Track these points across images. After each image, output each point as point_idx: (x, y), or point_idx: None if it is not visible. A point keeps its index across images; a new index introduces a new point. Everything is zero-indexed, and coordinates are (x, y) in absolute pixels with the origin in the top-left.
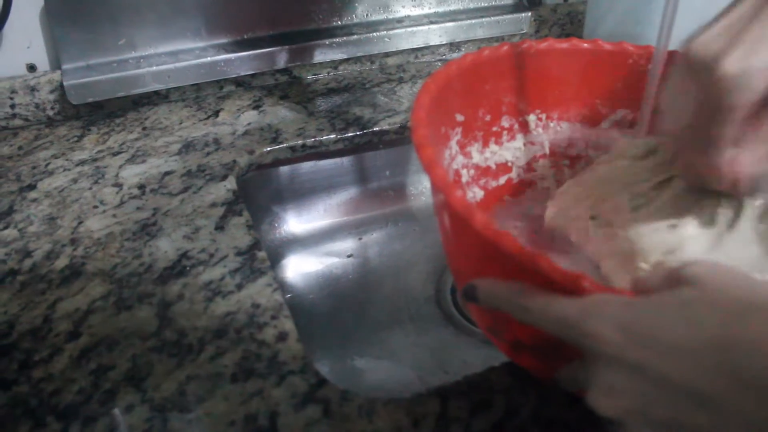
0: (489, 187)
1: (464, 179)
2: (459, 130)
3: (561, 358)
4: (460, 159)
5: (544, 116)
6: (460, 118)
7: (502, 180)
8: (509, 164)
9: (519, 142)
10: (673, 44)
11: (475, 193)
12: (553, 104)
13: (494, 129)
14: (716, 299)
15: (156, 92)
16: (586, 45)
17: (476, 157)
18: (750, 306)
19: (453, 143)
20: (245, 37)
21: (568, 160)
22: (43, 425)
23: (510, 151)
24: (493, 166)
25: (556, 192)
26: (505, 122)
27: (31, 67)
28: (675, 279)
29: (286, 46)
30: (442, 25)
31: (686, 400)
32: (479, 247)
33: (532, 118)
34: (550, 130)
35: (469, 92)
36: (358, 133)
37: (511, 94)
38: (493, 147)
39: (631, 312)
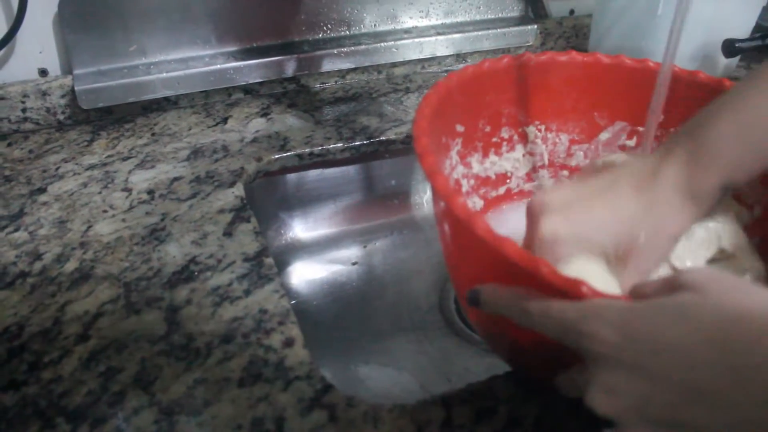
0: (488, 197)
1: (464, 188)
2: (459, 140)
3: (561, 365)
4: (461, 169)
5: (543, 127)
6: (460, 128)
7: (502, 190)
8: (508, 174)
9: (518, 152)
10: (679, 60)
11: (475, 203)
12: (552, 116)
13: (494, 140)
14: (714, 304)
15: (165, 98)
16: (584, 58)
17: (476, 167)
18: (747, 311)
19: (453, 153)
20: (254, 45)
21: (567, 171)
22: (53, 426)
23: (509, 161)
24: (493, 176)
25: None
26: (505, 133)
27: (43, 72)
28: (673, 285)
29: (295, 55)
30: (449, 36)
31: (683, 397)
32: (480, 252)
33: (531, 129)
34: (549, 141)
35: (469, 103)
36: (364, 142)
37: (511, 106)
38: (492, 157)
39: (630, 314)
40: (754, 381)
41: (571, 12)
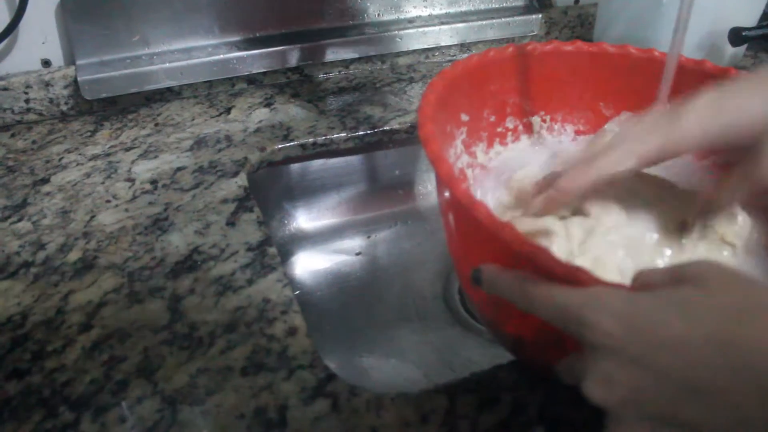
0: None
1: (469, 178)
2: (464, 129)
3: (561, 353)
4: (465, 158)
5: (548, 118)
6: (465, 117)
7: None
8: None
9: (523, 143)
10: (685, 49)
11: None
12: (557, 106)
13: (499, 129)
14: (718, 299)
15: (168, 89)
16: (590, 48)
17: (481, 157)
18: (752, 308)
19: (458, 142)
20: (257, 35)
21: None
22: (56, 415)
23: (514, 152)
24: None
25: None
26: (510, 123)
27: (46, 63)
28: (677, 276)
29: (298, 45)
30: (453, 25)
31: (681, 394)
32: (481, 237)
33: (536, 119)
34: (554, 132)
35: (474, 92)
36: (368, 132)
37: (516, 95)
38: (497, 147)
39: (633, 305)
40: (754, 382)
41: (576, 1)
